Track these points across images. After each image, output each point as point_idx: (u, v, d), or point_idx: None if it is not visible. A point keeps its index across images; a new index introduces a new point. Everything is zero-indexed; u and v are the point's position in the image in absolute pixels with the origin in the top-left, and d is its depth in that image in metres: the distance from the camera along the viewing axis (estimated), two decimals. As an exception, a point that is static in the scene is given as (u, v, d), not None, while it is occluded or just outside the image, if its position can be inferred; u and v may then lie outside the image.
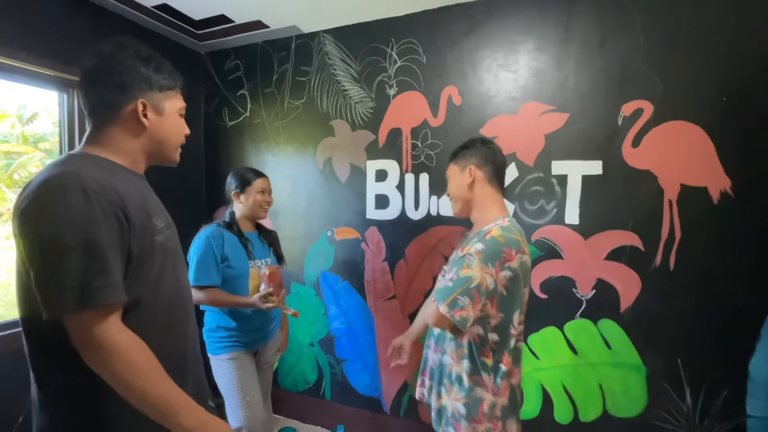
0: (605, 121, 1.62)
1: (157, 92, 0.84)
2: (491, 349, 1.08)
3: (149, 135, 0.85)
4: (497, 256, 1.02)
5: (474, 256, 1.03)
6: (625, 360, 1.65)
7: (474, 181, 1.17)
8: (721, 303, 1.51)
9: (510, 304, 1.07)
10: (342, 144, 2.15)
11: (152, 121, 0.84)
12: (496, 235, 1.05)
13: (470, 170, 1.17)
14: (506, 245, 1.03)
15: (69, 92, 1.81)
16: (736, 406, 1.51)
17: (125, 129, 0.82)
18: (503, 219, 1.12)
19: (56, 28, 1.73)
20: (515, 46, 1.75)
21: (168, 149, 0.89)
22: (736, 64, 1.45)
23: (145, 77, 0.82)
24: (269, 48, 2.28)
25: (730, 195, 1.48)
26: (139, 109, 0.81)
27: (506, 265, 1.03)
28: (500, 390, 1.09)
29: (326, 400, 2.27)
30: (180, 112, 0.90)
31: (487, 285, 1.01)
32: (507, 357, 1.09)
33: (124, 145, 0.83)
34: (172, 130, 0.88)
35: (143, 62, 0.82)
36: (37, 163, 6.52)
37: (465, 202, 1.20)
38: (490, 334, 1.08)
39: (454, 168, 1.22)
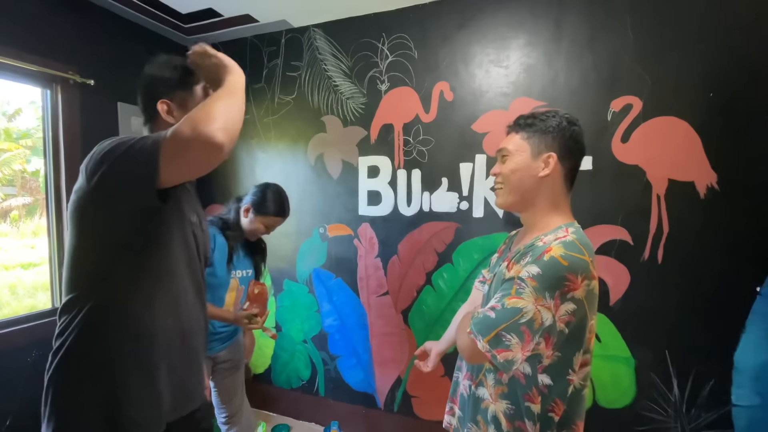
0: (595, 116, 1.64)
1: (181, 91, 0.91)
2: (540, 393, 0.84)
3: None
4: (558, 284, 0.77)
5: (526, 282, 0.78)
6: (614, 352, 1.68)
7: (549, 175, 0.88)
8: (708, 295, 1.54)
9: (571, 343, 0.82)
10: (333, 140, 2.13)
11: (178, 118, 0.88)
12: (557, 255, 0.78)
13: (549, 159, 0.88)
14: (570, 270, 0.77)
15: (53, 88, 1.77)
16: (722, 396, 1.54)
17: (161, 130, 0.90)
18: (566, 230, 0.85)
19: (40, 23, 1.69)
20: (507, 41, 1.75)
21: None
22: (722, 60, 1.47)
23: (165, 80, 0.91)
24: (259, 42, 2.25)
25: (716, 190, 1.50)
26: (162, 110, 0.90)
27: (569, 296, 0.77)
28: None
29: (320, 397, 2.28)
30: None
31: (542, 321, 0.77)
32: (560, 405, 0.84)
33: None
34: None
35: (161, 68, 0.92)
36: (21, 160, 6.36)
37: (525, 197, 0.91)
38: (540, 376, 0.84)
39: (522, 144, 0.90)
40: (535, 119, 0.91)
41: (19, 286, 2.97)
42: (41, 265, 2.57)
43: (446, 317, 1.96)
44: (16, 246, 3.61)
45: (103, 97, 1.94)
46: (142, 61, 0.96)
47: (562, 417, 0.84)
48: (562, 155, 0.89)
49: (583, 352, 0.85)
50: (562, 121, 0.90)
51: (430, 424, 2.03)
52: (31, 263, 3.18)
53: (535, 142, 0.89)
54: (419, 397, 2.06)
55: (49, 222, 1.81)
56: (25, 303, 2.86)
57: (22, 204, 4.13)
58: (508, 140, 0.94)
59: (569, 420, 0.85)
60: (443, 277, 1.95)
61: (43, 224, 1.85)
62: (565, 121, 0.90)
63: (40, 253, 3.03)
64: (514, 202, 0.93)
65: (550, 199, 0.90)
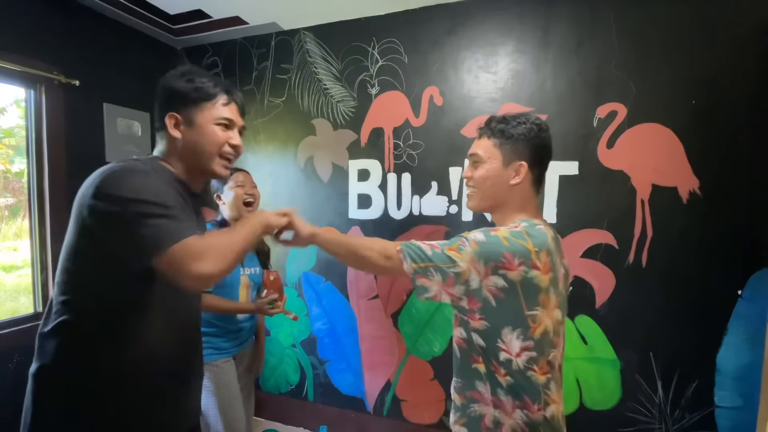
0: (581, 122, 1.66)
1: (190, 105, 0.87)
2: (480, 354, 0.89)
3: (183, 146, 0.89)
4: (494, 257, 0.81)
5: (470, 242, 0.83)
6: (600, 355, 1.70)
7: (520, 183, 0.91)
8: (691, 298, 1.57)
9: (501, 318, 0.85)
10: (324, 143, 2.13)
11: (184, 133, 0.88)
12: (501, 235, 0.83)
13: (520, 168, 0.90)
14: (509, 250, 0.81)
15: (37, 88, 1.74)
16: (705, 398, 1.57)
17: (167, 142, 0.90)
18: (518, 223, 0.88)
19: (24, 22, 1.66)
20: (495, 47, 1.78)
21: (203, 160, 0.90)
22: (704, 68, 1.51)
23: (176, 92, 0.87)
24: (248, 44, 2.24)
25: (698, 195, 1.54)
26: (170, 123, 0.87)
27: (501, 272, 0.82)
28: (505, 406, 0.86)
29: (309, 401, 2.26)
30: (217, 121, 0.89)
31: (468, 280, 0.83)
32: (498, 368, 0.86)
33: (171, 157, 0.90)
34: (204, 140, 0.88)
35: (176, 79, 0.88)
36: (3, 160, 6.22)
37: (496, 202, 0.94)
38: (474, 335, 0.89)
39: (494, 151, 0.92)
40: (507, 125, 0.92)
41: (0, 289, 2.90)
42: (24, 267, 2.51)
43: (436, 320, 1.96)
44: (-3, 248, 3.52)
45: (89, 98, 1.91)
46: (130, 62, 0.96)
47: (512, 386, 0.86)
48: (532, 163, 0.91)
49: (523, 337, 0.85)
50: (533, 128, 0.91)
51: (419, 427, 2.03)
52: (14, 266, 3.11)
53: (506, 150, 0.91)
54: (408, 401, 2.06)
55: (32, 224, 1.77)
56: (7, 306, 2.79)
57: (4, 205, 4.03)
58: (479, 145, 0.95)
59: (517, 393, 0.86)
60: (432, 281, 1.96)
61: (26, 226, 1.81)
62: (536, 128, 0.91)
63: (22, 255, 2.97)
64: (486, 206, 0.97)
65: (519, 202, 0.93)
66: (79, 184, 0.81)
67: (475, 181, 0.95)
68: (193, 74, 0.89)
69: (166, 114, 0.87)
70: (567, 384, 1.76)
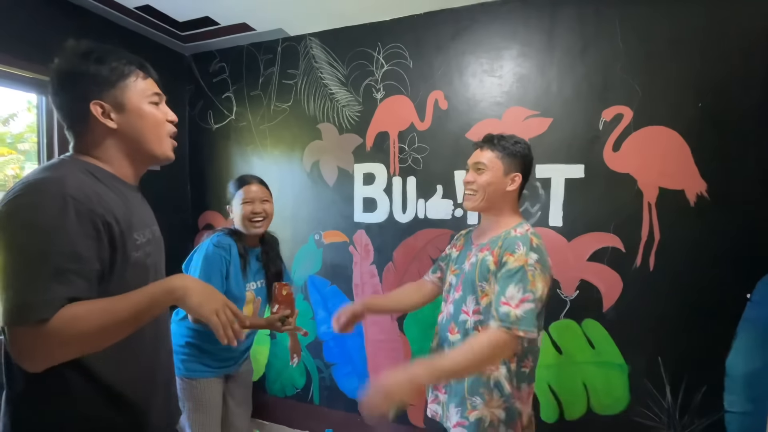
0: (587, 125, 1.66)
1: (111, 88, 0.76)
2: (516, 354, 1.07)
3: (121, 136, 0.78)
4: (548, 265, 1.05)
5: (536, 267, 1.01)
6: (608, 359, 1.69)
7: (514, 191, 1.15)
8: (699, 302, 1.55)
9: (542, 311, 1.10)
10: (329, 147, 2.15)
11: (118, 121, 0.77)
12: (538, 244, 1.05)
13: (516, 178, 1.14)
14: (547, 254, 1.06)
15: (47, 94, 1.76)
16: (714, 403, 1.55)
17: (98, 135, 0.78)
18: (527, 225, 1.12)
19: (35, 30, 1.69)
20: (500, 51, 1.78)
21: (148, 145, 0.81)
22: (710, 70, 1.50)
23: (89, 77, 0.75)
24: (255, 50, 2.26)
25: (706, 198, 1.53)
26: (97, 113, 0.75)
27: (552, 273, 1.07)
28: (524, 396, 1.09)
29: (315, 405, 2.26)
30: (149, 99, 0.80)
31: (544, 296, 1.03)
32: (530, 360, 1.09)
33: (104, 152, 0.79)
34: (145, 123, 0.79)
35: (82, 60, 0.75)
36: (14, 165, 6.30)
37: (493, 204, 1.15)
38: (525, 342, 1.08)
39: (496, 162, 1.13)
40: (507, 142, 1.14)
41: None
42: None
43: (441, 324, 1.96)
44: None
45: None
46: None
47: (531, 370, 1.10)
48: (523, 175, 1.15)
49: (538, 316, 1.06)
50: (525, 148, 1.15)
51: (424, 431, 2.03)
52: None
53: (506, 163, 1.13)
54: (414, 405, 2.05)
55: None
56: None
57: (14, 210, 4.08)
58: (482, 155, 1.15)
59: (532, 374, 1.11)
60: (438, 284, 1.96)
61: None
62: (527, 148, 1.16)
63: (32, 259, 3.00)
64: (484, 207, 1.17)
65: (511, 206, 1.17)
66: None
67: (479, 185, 1.14)
68: (98, 52, 0.77)
69: (87, 103, 0.75)
70: (574, 389, 1.75)
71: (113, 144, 0.79)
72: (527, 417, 1.10)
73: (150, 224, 0.88)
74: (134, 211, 0.81)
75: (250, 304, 1.47)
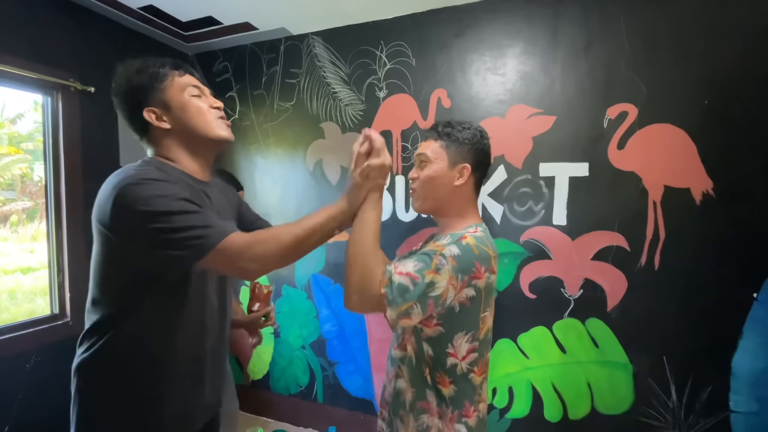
0: (591, 123, 1.65)
1: (155, 92, 0.84)
2: (427, 365, 0.91)
3: (176, 133, 0.86)
4: (468, 270, 0.84)
5: (448, 259, 0.83)
6: (612, 358, 1.68)
7: (463, 185, 0.95)
8: (705, 301, 1.54)
9: (457, 323, 0.88)
10: (332, 146, 2.15)
11: (169, 120, 0.85)
12: (471, 244, 0.86)
13: (464, 170, 0.94)
14: (478, 259, 0.86)
15: (53, 95, 1.78)
16: (720, 402, 1.54)
17: (160, 138, 0.87)
18: (476, 228, 0.92)
19: (40, 31, 1.71)
20: (503, 49, 1.77)
21: (199, 132, 0.87)
22: (716, 67, 1.48)
23: (137, 90, 0.84)
24: (258, 50, 2.27)
25: (712, 196, 1.51)
26: (151, 119, 0.84)
27: (473, 282, 0.86)
28: (446, 415, 0.90)
29: (318, 403, 2.27)
30: (189, 92, 0.87)
31: (446, 298, 0.84)
32: (444, 378, 0.89)
33: (172, 152, 0.87)
34: (188, 113, 0.86)
35: (126, 77, 0.85)
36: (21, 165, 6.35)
37: (439, 203, 0.97)
38: (424, 344, 0.91)
39: (440, 153, 0.95)
40: (453, 129, 0.96)
41: (18, 290, 2.97)
42: (40, 269, 2.57)
43: (444, 323, 1.96)
44: (15, 250, 3.61)
45: (104, 105, 1.95)
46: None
47: (454, 395, 0.90)
48: (475, 166, 0.95)
49: (471, 340, 0.90)
50: (476, 134, 0.96)
51: (428, 430, 2.03)
52: (30, 268, 3.19)
53: (452, 153, 0.95)
54: None
55: (49, 227, 1.81)
56: (24, 308, 2.86)
57: (21, 208, 4.13)
58: (426, 146, 0.98)
59: (459, 400, 0.90)
60: (441, 283, 1.96)
61: (42, 229, 1.85)
62: (479, 134, 0.97)
63: (39, 257, 3.04)
64: (429, 207, 0.99)
65: (462, 204, 0.97)
66: (94, 188, 0.82)
67: (421, 180, 0.97)
68: (137, 65, 0.86)
69: (141, 113, 0.84)
70: (578, 388, 1.74)
71: (174, 143, 0.87)
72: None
73: (229, 217, 0.99)
74: (210, 203, 0.89)
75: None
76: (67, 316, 1.83)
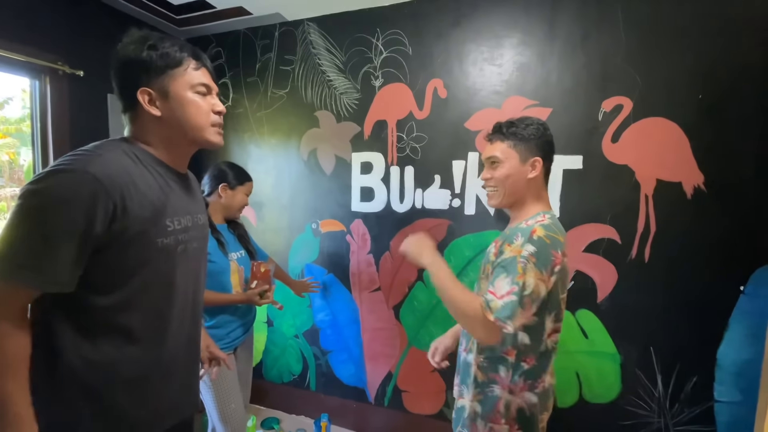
0: (586, 116, 1.65)
1: (160, 74, 0.79)
2: (516, 349, 1.00)
3: (164, 122, 0.81)
4: (549, 262, 0.92)
5: (528, 259, 0.90)
6: (600, 349, 1.71)
7: (537, 176, 1.02)
8: (692, 294, 1.57)
9: (546, 307, 0.97)
10: (327, 135, 2.13)
11: (162, 108, 0.80)
12: (542, 236, 0.93)
13: (536, 163, 1.01)
14: (552, 247, 0.93)
15: (41, 78, 1.74)
16: (704, 392, 1.58)
17: (145, 121, 0.82)
18: (543, 216, 1.00)
19: (28, 13, 1.66)
20: (500, 40, 1.76)
21: (191, 132, 0.83)
22: (711, 62, 1.49)
23: (141, 64, 0.78)
24: (252, 35, 2.22)
25: (702, 190, 1.53)
26: (144, 100, 0.79)
27: (555, 269, 0.93)
28: (517, 388, 1.00)
29: (311, 391, 2.29)
30: (195, 89, 0.82)
31: (539, 293, 0.91)
32: (532, 359, 1.00)
33: (150, 136, 0.83)
34: (186, 111, 0.82)
35: (137, 47, 0.78)
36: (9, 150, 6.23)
37: (517, 196, 1.04)
38: (521, 335, 0.99)
39: (510, 152, 1.02)
40: (516, 128, 1.03)
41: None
42: (30, 257, 2.53)
43: (437, 313, 1.97)
44: (4, 238, 3.56)
45: (93, 89, 1.91)
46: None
47: (532, 368, 1.00)
48: (544, 157, 1.03)
49: (555, 320, 1.01)
50: (539, 128, 1.03)
51: (420, 417, 2.06)
52: (20, 255, 3.14)
53: (521, 150, 1.02)
54: (410, 392, 2.08)
55: (38, 214, 1.78)
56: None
57: (10, 195, 4.06)
58: (494, 148, 1.05)
59: (537, 373, 1.01)
60: (434, 274, 1.97)
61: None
62: (542, 127, 1.04)
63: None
64: (508, 203, 1.07)
65: (536, 193, 1.05)
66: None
67: (497, 180, 1.04)
68: (154, 39, 0.79)
69: (135, 90, 0.78)
70: (567, 377, 1.77)
71: (158, 130, 0.83)
72: (516, 408, 1.01)
73: (193, 212, 0.91)
74: (172, 197, 0.84)
75: (235, 274, 1.55)
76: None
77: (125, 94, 0.81)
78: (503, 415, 1.00)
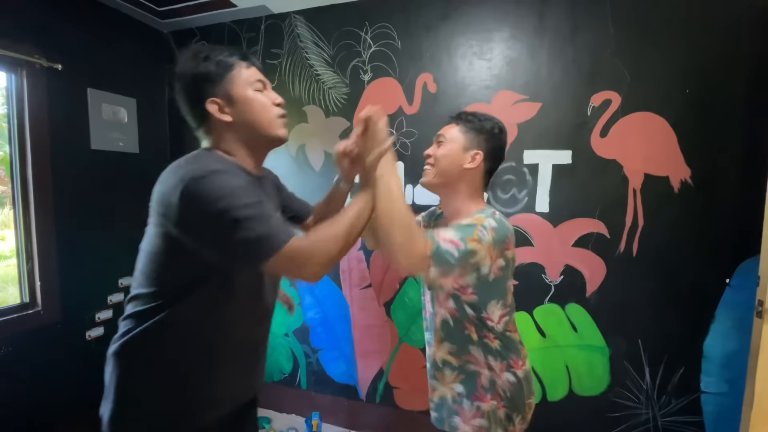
0: (575, 111, 1.65)
1: (220, 83, 0.82)
2: (471, 323, 1.00)
3: (237, 127, 0.84)
4: (503, 241, 0.93)
5: (488, 231, 0.90)
6: (590, 342, 1.72)
7: (473, 169, 1.01)
8: (680, 287, 1.58)
9: (489, 290, 0.97)
10: (315, 131, 2.10)
11: (231, 113, 0.83)
12: (502, 219, 0.96)
13: (476, 156, 1.01)
14: (509, 232, 0.96)
15: (18, 72, 1.68)
16: (691, 384, 1.60)
17: (220, 131, 0.85)
18: (494, 211, 0.99)
19: (4, 4, 1.59)
20: (490, 34, 1.74)
21: (260, 130, 0.86)
22: (698, 57, 1.50)
23: (202, 76, 0.82)
24: (237, 28, 2.18)
25: (689, 184, 1.54)
26: (213, 110, 0.82)
27: (505, 253, 0.95)
28: (496, 367, 1.00)
29: (302, 390, 2.27)
30: (253, 86, 0.85)
31: (481, 267, 0.92)
32: (491, 336, 1.00)
33: (229, 145, 0.85)
34: (253, 109, 0.84)
35: (192, 63, 0.82)
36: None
37: (448, 181, 1.03)
38: (465, 306, 0.99)
39: (458, 136, 1.02)
40: (476, 118, 1.04)
41: (-12, 279, 2.85)
42: (11, 257, 2.46)
43: (428, 309, 1.97)
44: (-17, 238, 3.45)
45: (73, 83, 1.85)
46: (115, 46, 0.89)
47: (499, 350, 1.01)
48: (487, 156, 1.02)
49: (502, 306, 1.00)
50: (495, 127, 1.04)
51: (411, 414, 2.06)
52: (2, 255, 3.06)
53: (469, 138, 1.02)
54: (401, 388, 2.08)
55: (16, 213, 1.73)
56: (-5, 297, 2.75)
57: (-11, 194, 3.93)
58: (447, 129, 1.06)
59: (506, 354, 1.01)
60: (425, 270, 1.96)
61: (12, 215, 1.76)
62: (497, 128, 1.04)
63: (9, 245, 2.91)
64: (438, 183, 1.04)
65: (468, 189, 1.04)
66: (64, 172, 0.78)
67: (435, 158, 1.04)
68: (205, 51, 0.84)
69: (204, 103, 0.82)
70: (556, 371, 1.78)
71: (233, 137, 0.85)
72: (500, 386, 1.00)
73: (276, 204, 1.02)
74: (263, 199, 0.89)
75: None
76: (38, 305, 1.77)
77: (195, 109, 0.84)
78: (488, 390, 1.00)
